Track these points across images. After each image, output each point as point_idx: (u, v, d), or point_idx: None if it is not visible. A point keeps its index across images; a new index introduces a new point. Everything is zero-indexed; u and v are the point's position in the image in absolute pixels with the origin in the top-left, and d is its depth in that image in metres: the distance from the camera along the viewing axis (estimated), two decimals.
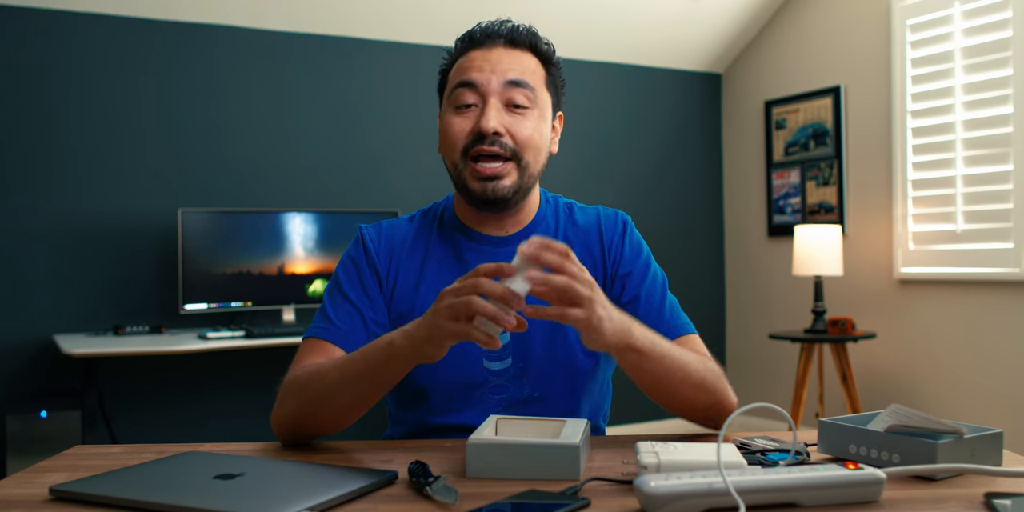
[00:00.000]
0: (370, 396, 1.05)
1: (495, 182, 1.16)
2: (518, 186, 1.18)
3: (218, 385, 3.40)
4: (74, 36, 3.22)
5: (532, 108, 1.18)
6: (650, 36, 4.20)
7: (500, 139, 1.15)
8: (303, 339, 1.20)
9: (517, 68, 1.18)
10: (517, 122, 1.17)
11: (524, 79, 1.17)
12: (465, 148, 1.17)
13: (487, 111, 1.15)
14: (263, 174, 3.54)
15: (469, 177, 1.17)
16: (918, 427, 0.90)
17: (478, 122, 1.15)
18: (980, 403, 3.38)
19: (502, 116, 1.16)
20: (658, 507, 0.76)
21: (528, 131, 1.17)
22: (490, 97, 1.16)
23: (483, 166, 1.16)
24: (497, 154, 1.15)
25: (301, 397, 1.08)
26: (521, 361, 1.19)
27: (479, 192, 1.17)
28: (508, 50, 1.19)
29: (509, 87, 1.16)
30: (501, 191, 1.17)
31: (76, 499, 0.84)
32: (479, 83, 1.16)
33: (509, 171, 1.17)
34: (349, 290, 1.21)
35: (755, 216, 4.42)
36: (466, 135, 1.17)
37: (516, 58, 1.19)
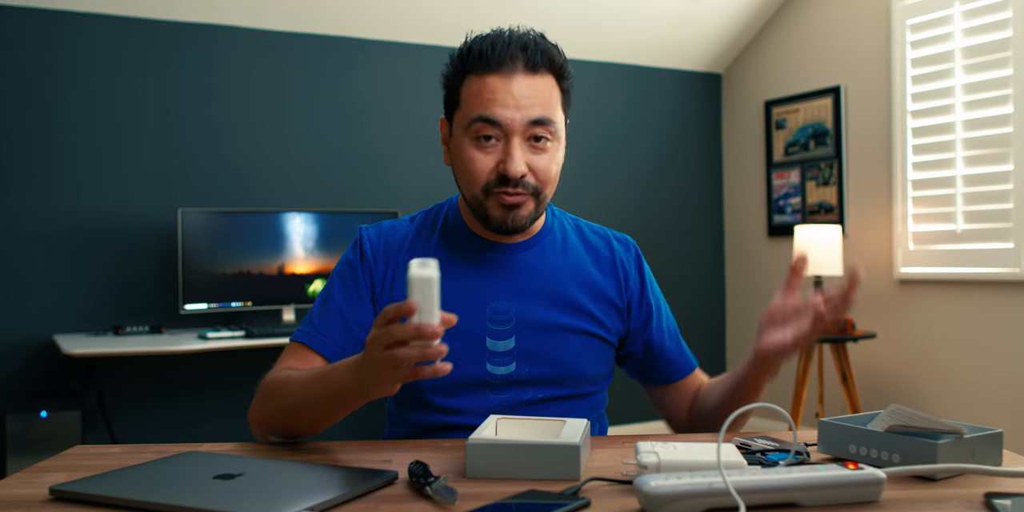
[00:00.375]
0: (336, 414, 1.07)
1: (515, 212, 1.16)
2: (535, 215, 1.19)
3: (218, 385, 3.40)
4: (74, 36, 3.22)
5: (552, 141, 1.16)
6: (650, 36, 4.20)
7: (524, 180, 1.15)
8: (288, 341, 1.22)
9: (540, 103, 1.14)
10: (539, 159, 1.15)
11: (547, 116, 1.14)
12: (487, 185, 1.15)
13: (513, 153, 1.13)
14: (263, 174, 3.54)
15: (492, 206, 1.16)
16: (918, 427, 0.90)
17: (501, 161, 1.13)
18: (980, 403, 3.38)
19: (526, 155, 1.14)
20: (658, 507, 0.76)
21: (549, 166, 1.16)
22: (513, 137, 1.13)
23: (507, 197, 1.15)
24: (520, 193, 1.15)
25: (272, 405, 1.11)
26: (525, 366, 1.20)
27: (499, 221, 1.17)
28: (528, 77, 1.14)
29: (533, 125, 1.13)
30: (520, 221, 1.17)
31: (76, 499, 0.84)
32: (503, 122, 1.12)
33: (527, 202, 1.17)
34: (338, 294, 1.22)
35: (755, 216, 4.42)
36: (489, 172, 1.15)
37: (537, 87, 1.14)
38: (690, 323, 4.40)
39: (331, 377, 1.02)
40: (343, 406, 1.04)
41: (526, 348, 1.20)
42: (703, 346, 4.52)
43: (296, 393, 1.07)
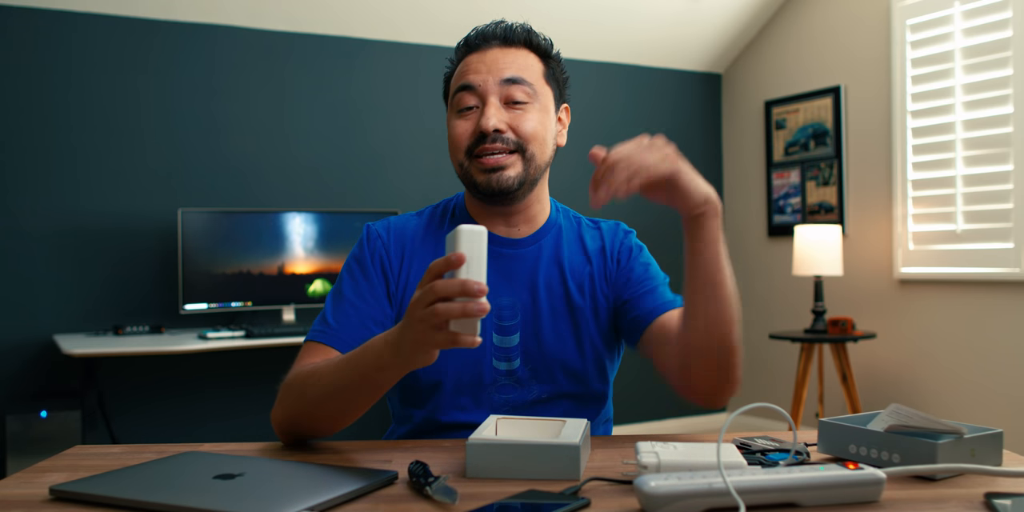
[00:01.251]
0: (365, 400, 1.05)
1: (499, 173, 1.17)
2: (524, 177, 1.19)
3: (218, 385, 3.40)
4: (74, 36, 3.22)
5: (532, 103, 1.19)
6: (650, 36, 4.20)
7: (502, 135, 1.17)
8: (304, 342, 1.19)
9: (513, 66, 1.19)
10: (518, 117, 1.18)
11: (520, 76, 1.18)
12: (469, 148, 1.18)
13: (486, 110, 1.17)
14: (263, 174, 3.54)
15: (474, 171, 1.18)
16: (918, 427, 0.90)
17: (479, 122, 1.17)
18: (980, 403, 3.38)
19: (502, 113, 1.17)
20: (658, 507, 0.76)
21: (531, 124, 1.18)
22: (489, 96, 1.17)
23: (486, 158, 1.17)
24: (500, 150, 1.17)
25: (299, 400, 1.07)
26: (530, 363, 1.20)
27: (484, 184, 1.18)
28: (504, 49, 1.20)
29: (506, 85, 1.17)
30: (506, 181, 1.17)
31: (76, 499, 0.84)
32: (476, 84, 1.18)
33: (513, 162, 1.17)
34: (350, 291, 1.20)
35: (755, 216, 4.42)
36: (469, 135, 1.18)
37: (512, 56, 1.20)
38: None
39: (365, 355, 1.00)
40: (379, 385, 1.01)
41: (530, 344, 1.20)
42: None
43: (328, 379, 1.04)
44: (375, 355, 0.98)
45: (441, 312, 0.86)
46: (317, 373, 1.07)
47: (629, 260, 1.27)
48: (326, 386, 1.04)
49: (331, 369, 1.05)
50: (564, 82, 1.28)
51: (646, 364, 4.11)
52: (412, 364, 0.95)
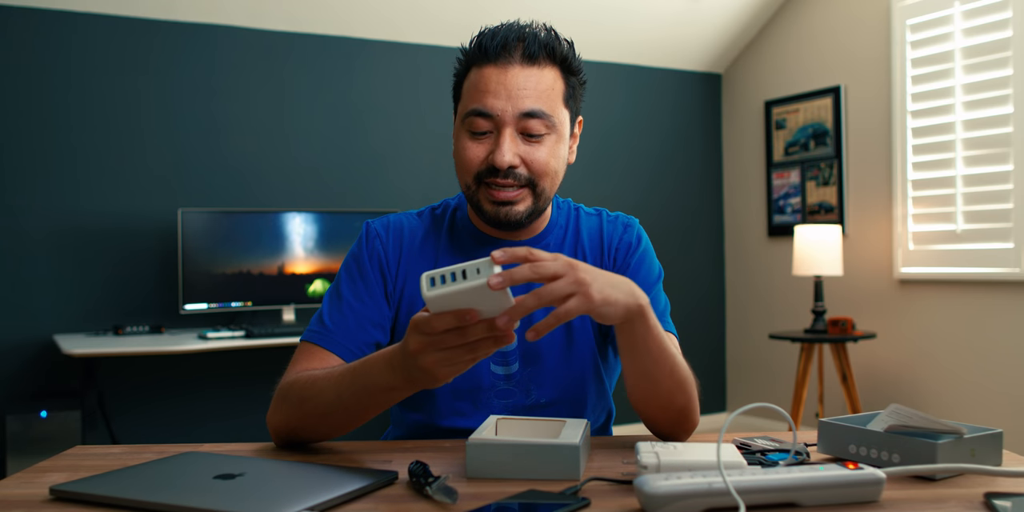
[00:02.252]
0: (370, 415, 1.04)
1: (508, 207, 1.14)
2: (532, 210, 1.16)
3: (218, 385, 3.40)
4: (74, 36, 3.22)
5: (549, 134, 1.14)
6: (650, 36, 4.20)
7: (515, 171, 1.13)
8: (300, 342, 1.18)
9: (534, 94, 1.11)
10: (533, 151, 1.13)
11: (540, 108, 1.11)
12: (478, 175, 1.14)
13: (501, 144, 1.11)
14: (263, 174, 3.54)
15: (483, 200, 1.15)
16: (918, 427, 0.90)
17: (492, 152, 1.12)
18: (980, 403, 3.38)
19: (517, 146, 1.12)
20: (658, 507, 0.76)
21: (544, 159, 1.13)
22: (505, 128, 1.11)
23: (497, 192, 1.13)
24: (511, 185, 1.13)
25: (298, 409, 1.05)
26: (529, 367, 1.19)
27: (492, 215, 1.15)
28: (524, 68, 1.12)
29: (525, 118, 1.11)
30: (515, 216, 1.15)
31: (76, 499, 0.84)
32: (494, 113, 1.11)
33: (524, 197, 1.14)
34: (347, 291, 1.19)
35: (755, 216, 4.42)
36: (480, 163, 1.14)
37: (533, 79, 1.12)
38: (690, 323, 4.40)
39: (372, 374, 0.97)
40: (386, 402, 1.00)
41: (529, 347, 1.19)
42: (703, 346, 4.52)
43: (331, 394, 1.02)
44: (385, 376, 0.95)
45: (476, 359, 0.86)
46: (317, 386, 1.04)
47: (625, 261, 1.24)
48: (329, 401, 1.02)
49: (333, 384, 1.02)
50: (581, 94, 1.22)
51: None
52: (423, 387, 0.94)
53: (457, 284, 0.81)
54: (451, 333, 0.84)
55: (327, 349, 1.15)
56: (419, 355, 0.87)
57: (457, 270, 0.81)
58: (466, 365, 0.88)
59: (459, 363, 0.87)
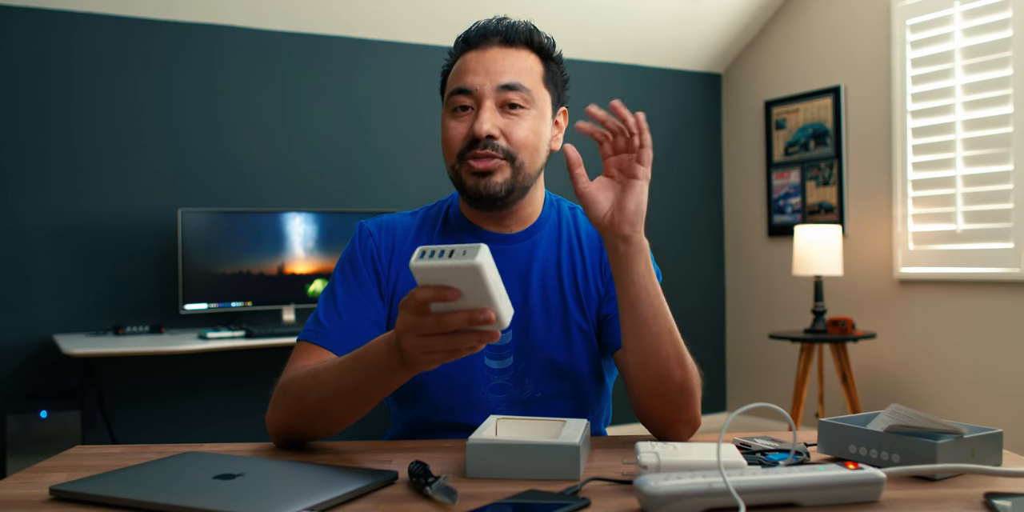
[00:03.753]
0: (371, 402, 1.04)
1: (487, 178, 1.16)
2: (512, 184, 1.17)
3: (218, 385, 3.40)
4: (74, 36, 3.22)
5: (528, 108, 1.17)
6: (650, 36, 4.20)
7: (494, 142, 1.15)
8: (296, 342, 1.19)
9: (512, 69, 1.17)
10: (512, 123, 1.16)
11: (518, 81, 1.16)
12: (460, 152, 1.17)
13: (480, 114, 1.15)
14: (263, 174, 3.54)
15: (464, 174, 1.17)
16: (918, 427, 0.90)
17: (472, 126, 1.15)
18: (980, 403, 3.38)
19: (496, 118, 1.15)
20: (658, 507, 0.76)
21: (523, 132, 1.16)
22: (484, 100, 1.16)
23: (475, 163, 1.16)
24: (490, 156, 1.15)
25: (298, 403, 1.06)
26: (523, 361, 1.19)
27: (472, 188, 1.17)
28: (504, 50, 1.18)
29: (503, 90, 1.15)
30: (493, 187, 1.16)
31: (76, 499, 0.84)
32: (473, 88, 1.16)
33: (501, 168, 1.16)
34: (342, 291, 1.20)
35: (755, 216, 4.42)
36: (461, 139, 1.17)
37: (511, 58, 1.18)
38: (690, 323, 4.40)
39: (372, 358, 0.98)
40: (387, 387, 1.01)
41: (523, 340, 1.19)
42: (703, 346, 4.52)
43: (331, 382, 1.03)
44: (384, 358, 0.97)
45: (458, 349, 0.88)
46: (317, 377, 1.05)
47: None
48: (330, 389, 1.03)
49: (333, 372, 1.03)
50: (564, 84, 1.26)
51: None
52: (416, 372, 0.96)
53: (443, 260, 0.82)
54: (432, 320, 0.86)
55: (324, 347, 1.15)
56: (403, 336, 0.89)
57: (448, 248, 0.83)
58: (445, 355, 0.89)
59: (437, 352, 0.88)
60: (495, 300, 0.84)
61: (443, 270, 0.82)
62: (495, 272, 0.84)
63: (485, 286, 0.83)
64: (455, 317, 0.85)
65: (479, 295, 0.84)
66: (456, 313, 0.85)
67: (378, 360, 0.97)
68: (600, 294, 1.24)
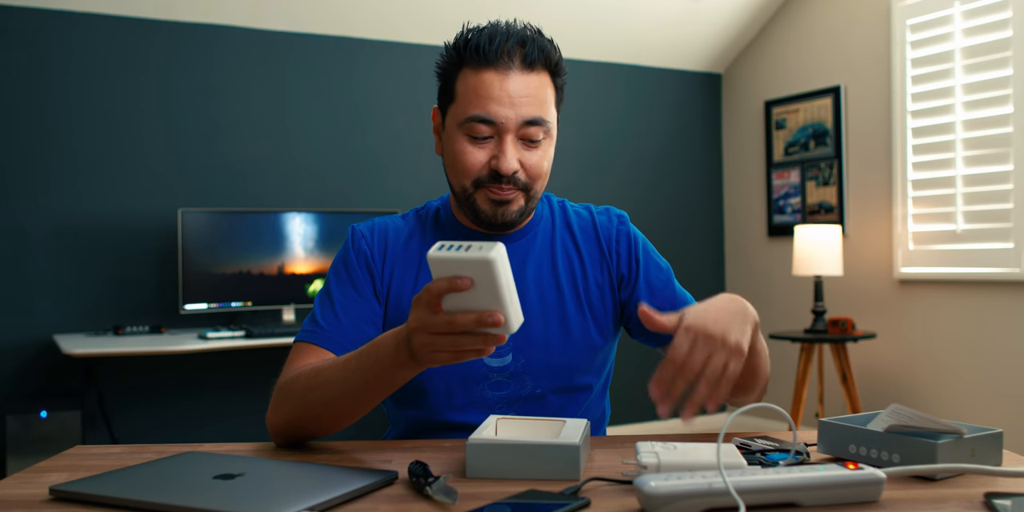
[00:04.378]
0: (377, 399, 1.04)
1: (504, 207, 1.16)
2: (524, 210, 1.19)
3: (218, 385, 3.40)
4: (74, 36, 3.22)
5: (546, 139, 1.17)
6: (650, 36, 4.20)
7: (515, 176, 1.15)
8: (294, 341, 1.19)
9: (535, 101, 1.14)
10: (531, 156, 1.16)
11: (540, 116, 1.14)
12: (479, 179, 1.16)
13: (506, 151, 1.13)
14: (263, 174, 3.54)
15: (480, 200, 1.17)
16: (918, 427, 0.90)
17: (494, 157, 1.14)
18: (980, 403, 3.38)
19: (518, 152, 1.15)
20: (658, 507, 0.76)
21: (539, 163, 1.16)
22: (507, 135, 1.13)
23: (496, 192, 1.15)
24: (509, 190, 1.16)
25: (302, 401, 1.06)
26: (522, 358, 1.20)
27: (489, 215, 1.17)
28: (524, 75, 1.13)
29: (527, 125, 1.14)
30: (510, 216, 1.17)
31: (76, 499, 0.84)
32: (498, 120, 1.12)
33: (517, 198, 1.17)
34: (337, 292, 1.21)
35: (755, 216, 4.42)
36: (481, 167, 1.15)
37: (533, 86, 1.14)
38: None
39: (379, 354, 0.99)
40: (395, 383, 1.01)
41: (522, 337, 1.19)
42: None
43: (337, 379, 1.03)
44: (392, 353, 0.97)
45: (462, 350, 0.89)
46: (321, 374, 1.05)
47: (632, 253, 1.26)
48: (336, 387, 1.03)
49: (339, 369, 1.04)
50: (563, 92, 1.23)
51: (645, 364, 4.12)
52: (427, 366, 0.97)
53: (460, 253, 0.84)
54: (442, 319, 0.87)
55: (323, 347, 1.16)
56: (414, 333, 0.91)
57: (466, 243, 0.85)
58: (451, 356, 0.91)
59: (444, 352, 0.90)
60: (505, 303, 0.85)
61: (458, 263, 0.84)
62: (509, 273, 0.86)
63: (497, 285, 0.84)
64: (464, 318, 0.86)
65: (490, 294, 0.85)
66: (465, 314, 0.86)
67: (386, 355, 0.98)
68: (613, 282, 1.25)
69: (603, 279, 1.25)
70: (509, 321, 0.86)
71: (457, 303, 0.87)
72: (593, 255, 1.26)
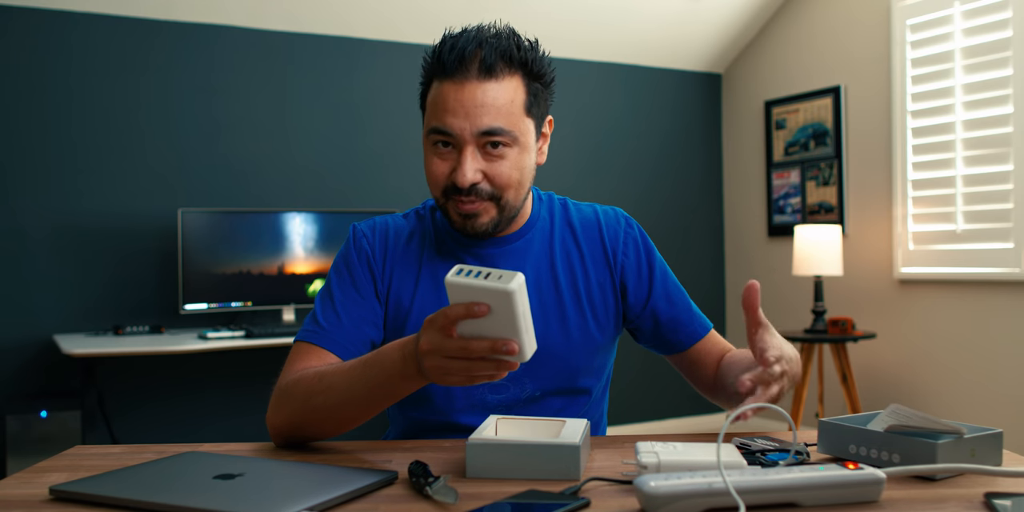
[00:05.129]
0: (378, 409, 1.04)
1: (473, 219, 1.15)
2: (498, 221, 1.17)
3: (218, 385, 3.40)
4: (74, 36, 3.22)
5: (512, 146, 1.12)
6: (650, 36, 4.20)
7: (477, 187, 1.13)
8: (294, 342, 1.19)
9: (492, 111, 1.09)
10: (495, 166, 1.12)
11: (498, 126, 1.10)
12: (445, 190, 1.15)
13: (463, 163, 1.11)
14: (263, 174, 3.54)
15: (451, 211, 1.17)
16: (918, 427, 0.90)
17: (454, 169, 1.12)
18: (980, 403, 3.38)
19: (478, 162, 1.11)
20: (658, 507, 0.76)
21: (506, 172, 1.13)
22: (465, 146, 1.11)
23: (461, 205, 1.14)
24: (474, 200, 1.14)
25: (304, 405, 1.05)
26: None
27: (460, 227, 1.17)
28: (482, 83, 1.09)
29: (484, 135, 1.10)
30: (480, 227, 1.16)
31: (76, 499, 0.84)
32: (452, 132, 1.10)
33: (487, 209, 1.15)
34: (339, 292, 1.20)
35: (755, 216, 4.42)
36: (444, 178, 1.14)
37: (491, 94, 1.09)
38: None
39: (383, 365, 0.98)
40: (398, 394, 1.01)
41: None
42: None
43: (339, 387, 1.02)
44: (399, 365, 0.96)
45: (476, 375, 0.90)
46: (324, 380, 1.05)
47: (642, 260, 1.26)
48: (340, 394, 1.03)
49: (343, 376, 1.03)
50: (548, 98, 1.19)
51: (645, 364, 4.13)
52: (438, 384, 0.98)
53: (479, 280, 0.84)
54: (456, 344, 0.87)
55: (324, 348, 1.15)
56: (425, 356, 0.90)
57: (485, 270, 0.85)
58: (462, 380, 0.91)
59: (455, 375, 0.90)
60: (521, 332, 0.85)
61: (477, 290, 0.84)
62: (526, 302, 0.86)
63: (514, 315, 0.84)
64: (479, 344, 0.86)
65: (506, 323, 0.85)
66: (480, 340, 0.86)
67: (392, 367, 0.97)
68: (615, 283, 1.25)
69: (605, 277, 1.25)
70: (523, 350, 0.87)
71: (472, 328, 0.87)
72: (596, 253, 1.25)
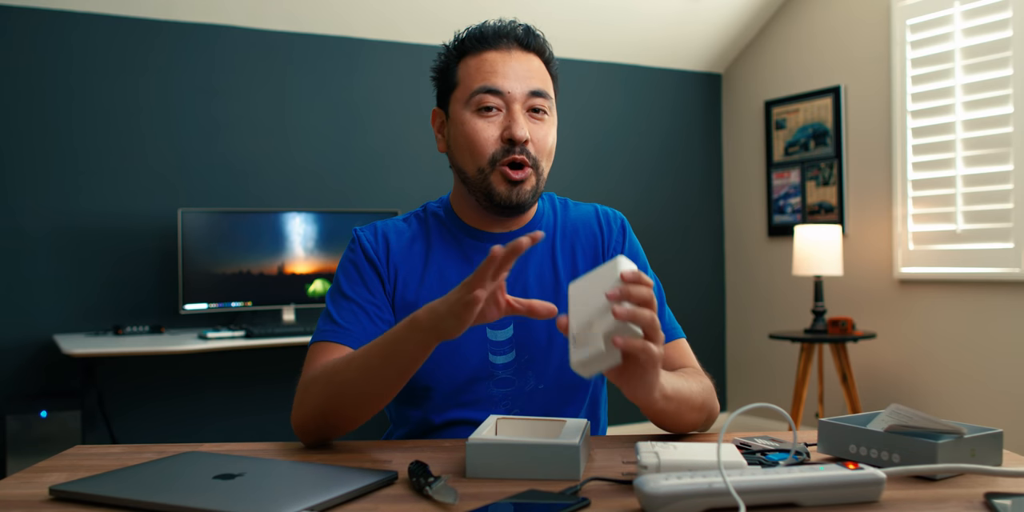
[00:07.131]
0: (394, 381, 1.04)
1: (519, 186, 1.17)
2: (536, 191, 1.20)
3: (218, 385, 3.40)
4: (74, 36, 3.22)
5: (550, 114, 1.20)
6: (650, 36, 4.20)
7: (526, 147, 1.17)
8: (311, 344, 1.19)
9: (537, 75, 1.19)
10: (539, 129, 1.18)
11: (544, 89, 1.19)
12: (494, 156, 1.17)
13: (517, 118, 1.16)
14: (263, 174, 3.54)
15: (497, 181, 1.17)
16: (918, 427, 0.90)
17: (507, 128, 1.16)
18: (980, 403, 3.38)
19: (528, 123, 1.18)
20: (658, 507, 0.76)
21: (547, 138, 1.19)
22: (515, 104, 1.17)
23: (513, 171, 1.17)
24: (524, 162, 1.17)
25: (325, 392, 1.07)
26: (525, 353, 1.21)
27: (505, 196, 1.17)
28: (523, 53, 1.20)
29: (533, 96, 1.17)
30: (525, 195, 1.18)
31: (76, 499, 0.84)
32: (505, 91, 1.16)
33: (530, 178, 1.18)
34: (350, 290, 1.21)
35: (755, 216, 4.42)
36: (495, 142, 1.17)
37: (532, 64, 1.20)
38: (690, 323, 4.39)
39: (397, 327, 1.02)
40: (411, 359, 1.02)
41: (524, 334, 1.20)
42: (703, 346, 4.52)
43: (358, 363, 1.04)
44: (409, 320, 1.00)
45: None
46: (343, 361, 1.07)
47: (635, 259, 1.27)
48: (356, 370, 1.05)
49: (359, 353, 1.06)
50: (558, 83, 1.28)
51: None
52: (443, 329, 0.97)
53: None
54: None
55: (344, 344, 1.16)
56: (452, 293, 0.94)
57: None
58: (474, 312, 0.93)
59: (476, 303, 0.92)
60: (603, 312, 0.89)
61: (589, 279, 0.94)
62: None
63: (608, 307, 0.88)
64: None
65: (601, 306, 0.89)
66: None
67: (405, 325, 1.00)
68: None
69: None
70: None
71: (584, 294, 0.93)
72: (586, 249, 1.28)
